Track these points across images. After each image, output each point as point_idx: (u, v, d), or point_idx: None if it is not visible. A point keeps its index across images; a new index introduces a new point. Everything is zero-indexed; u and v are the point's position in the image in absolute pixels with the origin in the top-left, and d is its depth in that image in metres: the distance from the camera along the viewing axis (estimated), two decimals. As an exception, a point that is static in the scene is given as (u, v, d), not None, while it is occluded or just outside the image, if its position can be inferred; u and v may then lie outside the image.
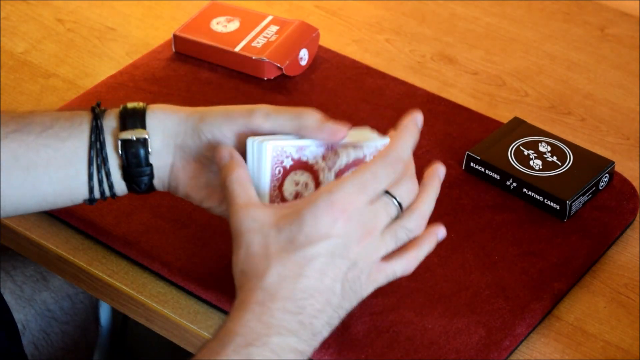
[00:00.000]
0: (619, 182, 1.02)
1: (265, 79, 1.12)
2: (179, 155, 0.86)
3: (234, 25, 1.16)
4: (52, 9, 1.26)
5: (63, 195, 0.86)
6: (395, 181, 0.80)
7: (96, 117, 0.85)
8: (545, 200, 0.98)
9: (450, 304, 0.90)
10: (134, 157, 0.84)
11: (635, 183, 1.02)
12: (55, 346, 1.20)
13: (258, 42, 1.13)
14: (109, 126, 0.85)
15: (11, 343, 1.00)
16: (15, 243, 1.00)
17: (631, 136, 1.10)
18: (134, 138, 0.84)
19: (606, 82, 1.17)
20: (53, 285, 1.19)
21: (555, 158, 1.01)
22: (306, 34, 1.15)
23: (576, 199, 0.97)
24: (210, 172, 0.86)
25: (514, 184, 0.99)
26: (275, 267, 0.77)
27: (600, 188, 1.00)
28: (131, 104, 0.86)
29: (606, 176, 1.00)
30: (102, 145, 0.85)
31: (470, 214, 0.98)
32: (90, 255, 0.96)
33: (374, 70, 1.15)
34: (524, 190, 0.99)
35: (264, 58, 1.11)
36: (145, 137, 0.84)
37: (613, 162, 1.01)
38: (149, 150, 0.85)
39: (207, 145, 0.85)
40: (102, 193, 0.86)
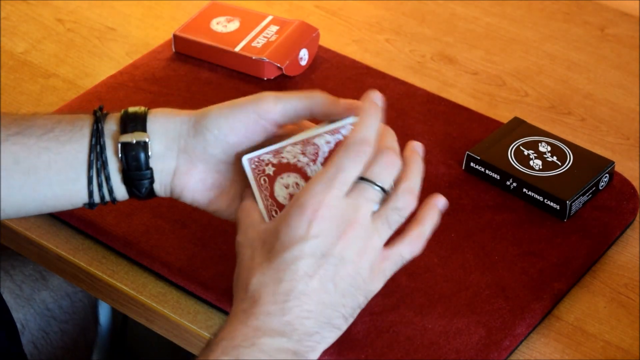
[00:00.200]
0: (619, 182, 1.02)
1: (265, 79, 1.12)
2: (183, 158, 0.85)
3: (234, 25, 1.16)
4: (52, 9, 1.26)
5: (63, 199, 0.86)
6: (367, 165, 0.79)
7: (97, 121, 0.85)
8: (545, 200, 0.98)
9: (450, 304, 0.89)
10: (133, 160, 0.84)
11: (635, 183, 1.02)
12: (55, 345, 1.20)
13: (258, 42, 1.13)
14: (110, 129, 0.85)
15: (10, 342, 0.99)
16: (15, 243, 1.00)
17: (631, 136, 1.10)
18: (133, 141, 0.84)
19: (606, 82, 1.17)
20: (52, 284, 1.19)
21: (555, 158, 1.01)
22: (306, 34, 1.15)
23: (576, 199, 0.97)
24: (217, 172, 0.85)
25: (514, 184, 0.99)
26: (256, 277, 0.78)
27: (600, 188, 1.00)
28: (133, 108, 0.86)
29: (606, 176, 1.00)
30: (102, 148, 0.84)
31: (470, 214, 0.98)
32: (90, 255, 0.96)
33: (374, 70, 1.15)
34: (524, 190, 0.99)
35: (264, 58, 1.11)
36: (146, 140, 0.84)
37: (613, 162, 1.01)
38: (149, 154, 0.84)
39: (214, 141, 0.84)
40: (102, 197, 0.86)
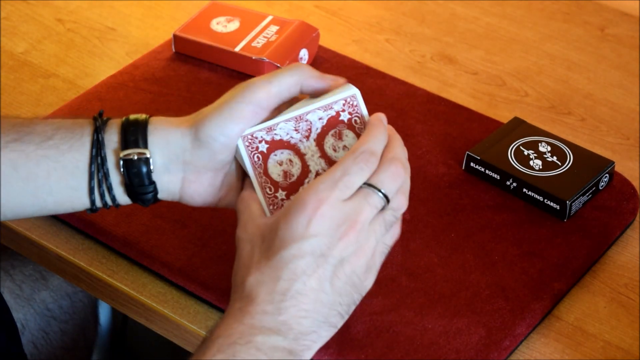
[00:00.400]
0: (619, 182, 1.02)
1: (265, 79, 1.12)
2: (189, 170, 0.84)
3: (234, 25, 1.16)
4: (52, 9, 1.26)
5: (64, 205, 0.85)
6: (374, 172, 0.79)
7: (97, 130, 0.83)
8: (545, 200, 0.98)
9: (450, 304, 0.89)
10: (136, 176, 0.83)
11: (635, 183, 1.02)
12: (55, 345, 1.19)
13: (258, 42, 1.13)
14: (110, 141, 0.83)
15: (10, 342, 0.99)
16: (15, 243, 1.00)
17: (631, 136, 1.10)
18: (135, 157, 0.82)
19: (606, 82, 1.17)
20: (52, 284, 1.19)
21: (555, 158, 1.01)
22: (306, 34, 1.15)
23: (576, 199, 0.97)
24: (225, 172, 0.85)
25: (514, 184, 0.99)
26: (253, 275, 0.78)
27: (600, 188, 1.00)
28: (133, 115, 0.84)
29: (606, 176, 1.00)
30: (103, 160, 0.83)
31: (470, 214, 0.98)
32: (90, 255, 0.96)
33: (374, 70, 1.15)
34: (524, 190, 0.99)
35: (264, 58, 1.11)
36: (147, 156, 0.82)
37: (613, 162, 1.01)
38: (152, 169, 0.83)
39: (221, 148, 0.83)
40: (105, 204, 0.85)
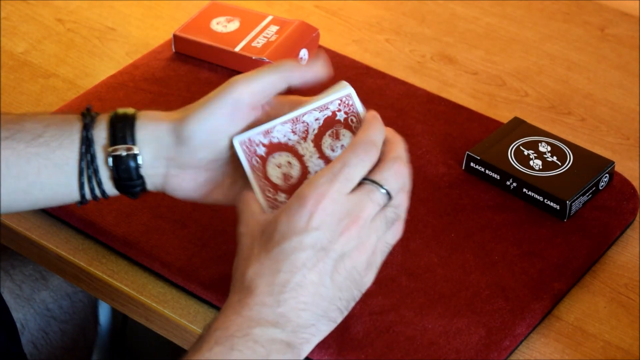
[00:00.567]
0: (619, 182, 1.02)
1: (265, 79, 1.12)
2: (172, 166, 0.85)
3: (234, 25, 1.16)
4: (52, 9, 1.26)
5: (55, 199, 0.87)
6: (377, 170, 0.79)
7: (85, 127, 0.84)
8: (545, 200, 0.98)
9: (450, 304, 0.89)
10: (124, 172, 0.84)
11: (635, 183, 1.02)
12: (55, 345, 1.20)
13: (258, 42, 1.13)
14: (99, 137, 0.84)
15: (10, 342, 0.99)
16: (15, 243, 1.00)
17: (631, 136, 1.10)
18: (123, 154, 0.83)
19: (606, 82, 1.17)
20: (52, 284, 1.19)
21: (555, 158, 1.01)
22: (306, 34, 1.15)
23: (576, 199, 0.97)
24: (208, 170, 0.85)
25: (514, 184, 0.99)
26: (252, 267, 0.78)
27: (600, 188, 1.00)
28: (121, 110, 0.85)
29: (606, 176, 1.00)
30: (93, 157, 0.84)
31: (470, 214, 0.98)
32: (90, 255, 0.96)
33: (374, 70, 1.15)
34: (524, 190, 0.99)
35: (264, 58, 1.11)
36: (136, 153, 0.84)
37: (613, 162, 1.01)
38: (140, 165, 0.84)
39: (201, 146, 0.83)
40: (95, 197, 0.86)
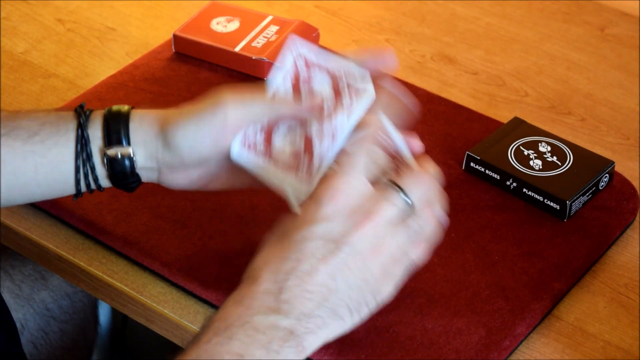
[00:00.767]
0: (619, 182, 1.02)
1: (265, 79, 1.12)
2: (164, 166, 0.86)
3: (234, 25, 1.16)
4: (52, 9, 1.26)
5: (51, 194, 0.88)
6: (402, 175, 0.79)
7: (81, 127, 0.86)
8: (545, 200, 0.98)
9: (450, 304, 0.89)
10: (120, 171, 0.86)
11: (635, 183, 1.02)
12: (54, 345, 1.19)
13: (258, 42, 1.13)
14: (94, 136, 0.86)
15: (10, 342, 0.99)
16: (15, 243, 1.00)
17: (631, 136, 1.10)
18: (119, 156, 0.85)
19: (606, 82, 1.17)
20: (52, 284, 1.19)
21: (555, 158, 1.01)
22: (306, 34, 1.15)
23: (576, 199, 0.97)
24: (200, 167, 0.86)
25: (514, 184, 0.99)
26: (260, 255, 0.77)
27: (600, 188, 1.00)
28: (115, 108, 0.87)
29: (606, 176, 1.00)
30: (89, 156, 0.86)
31: (470, 214, 0.98)
32: (90, 255, 0.96)
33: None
34: (524, 190, 0.99)
35: (264, 58, 1.11)
36: (131, 155, 0.85)
37: (613, 162, 1.01)
38: (135, 164, 0.86)
39: (187, 154, 0.85)
40: (91, 192, 0.88)
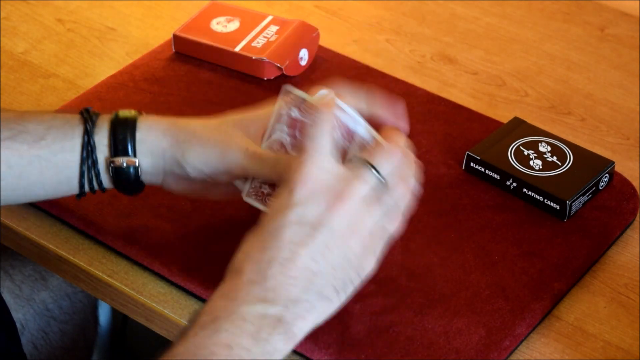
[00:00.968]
0: (619, 182, 1.02)
1: (265, 79, 1.12)
2: (168, 175, 0.88)
3: (234, 25, 1.16)
4: (52, 9, 1.26)
5: (54, 195, 0.90)
6: (372, 152, 0.79)
7: (87, 133, 0.87)
8: (545, 200, 0.98)
9: (450, 304, 0.89)
10: (125, 181, 0.88)
11: (635, 183, 1.02)
12: (54, 345, 1.19)
13: (258, 42, 1.13)
14: (100, 144, 0.87)
15: (10, 343, 0.99)
16: (15, 243, 1.00)
17: (631, 136, 1.10)
18: (124, 165, 0.87)
19: (606, 82, 1.17)
20: (52, 284, 1.19)
21: (555, 158, 1.01)
22: (306, 34, 1.15)
23: (576, 199, 0.97)
24: (204, 181, 0.88)
25: (514, 184, 0.99)
26: (242, 249, 0.78)
27: (600, 188, 1.00)
28: (122, 114, 0.88)
29: (606, 176, 1.00)
30: (94, 163, 0.87)
31: (470, 214, 0.98)
32: (90, 255, 0.96)
33: (374, 70, 1.15)
34: (524, 190, 0.99)
35: (264, 58, 1.11)
36: (136, 165, 0.87)
37: (613, 162, 1.01)
38: (140, 174, 0.88)
39: (194, 173, 0.87)
40: (93, 192, 0.90)
